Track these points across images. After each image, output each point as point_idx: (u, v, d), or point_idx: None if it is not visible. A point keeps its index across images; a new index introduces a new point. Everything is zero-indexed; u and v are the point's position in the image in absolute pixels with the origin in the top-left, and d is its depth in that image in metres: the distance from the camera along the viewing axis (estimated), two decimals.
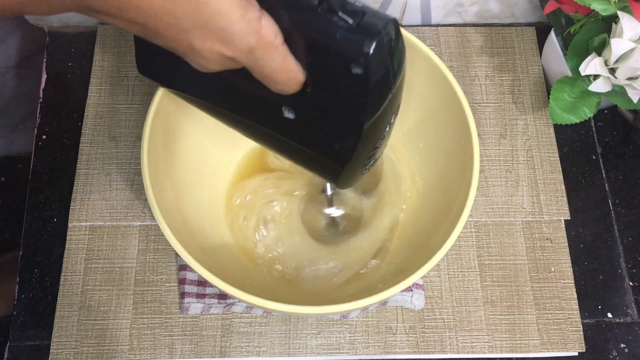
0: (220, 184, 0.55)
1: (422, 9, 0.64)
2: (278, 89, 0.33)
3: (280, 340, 0.52)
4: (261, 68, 0.32)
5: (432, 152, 0.52)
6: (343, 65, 0.31)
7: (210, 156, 0.55)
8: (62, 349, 0.52)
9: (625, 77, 0.52)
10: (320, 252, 0.54)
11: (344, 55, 0.30)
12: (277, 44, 0.31)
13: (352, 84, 0.31)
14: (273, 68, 0.32)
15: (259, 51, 0.31)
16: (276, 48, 0.31)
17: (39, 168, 0.59)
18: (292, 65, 0.32)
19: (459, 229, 0.42)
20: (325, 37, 0.30)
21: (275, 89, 0.33)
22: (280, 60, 0.31)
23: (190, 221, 0.49)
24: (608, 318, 0.55)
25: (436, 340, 0.53)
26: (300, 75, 0.33)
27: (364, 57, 0.30)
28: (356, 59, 0.30)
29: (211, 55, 0.31)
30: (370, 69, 0.30)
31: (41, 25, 0.65)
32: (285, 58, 0.32)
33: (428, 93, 0.50)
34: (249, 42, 0.30)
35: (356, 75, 0.31)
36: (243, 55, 0.31)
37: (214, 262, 0.48)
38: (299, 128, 0.36)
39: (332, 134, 0.35)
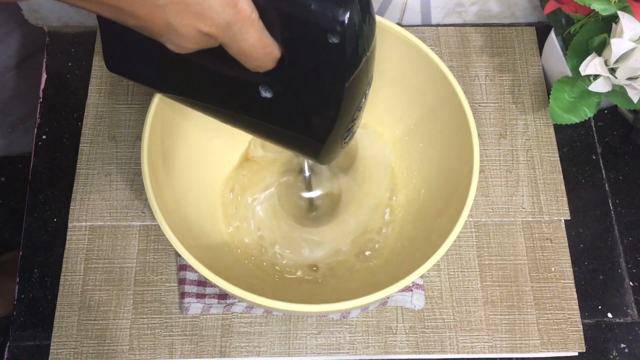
0: (218, 182, 0.55)
1: (422, 9, 0.64)
2: (255, 65, 0.33)
3: (280, 340, 0.52)
4: (238, 44, 0.31)
5: (432, 152, 0.52)
6: (319, 35, 0.31)
7: (210, 155, 0.55)
8: (62, 349, 0.52)
9: (625, 77, 0.52)
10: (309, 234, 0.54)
11: (320, 25, 0.31)
12: (254, 18, 0.31)
13: (329, 53, 0.32)
14: (250, 44, 0.31)
15: (236, 26, 0.30)
16: (253, 23, 0.31)
17: (39, 168, 0.59)
18: (268, 41, 0.32)
19: (459, 228, 0.42)
20: (299, 8, 0.31)
21: (252, 66, 0.33)
22: (257, 35, 0.31)
23: (190, 220, 0.49)
24: (608, 318, 0.55)
25: (436, 340, 0.53)
26: (276, 51, 0.33)
27: (340, 26, 0.30)
28: (332, 28, 0.30)
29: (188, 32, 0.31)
30: (347, 36, 0.31)
31: (41, 25, 0.65)
32: (262, 33, 0.32)
33: (428, 93, 0.50)
34: (226, 16, 0.30)
35: (333, 45, 0.31)
36: (220, 31, 0.31)
37: (214, 261, 0.48)
38: (277, 106, 0.36)
39: (311, 107, 0.36)
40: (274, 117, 0.37)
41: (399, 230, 0.54)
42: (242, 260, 0.53)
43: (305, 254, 0.54)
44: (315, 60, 0.33)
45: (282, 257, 0.53)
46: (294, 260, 0.53)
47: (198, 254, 0.41)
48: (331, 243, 0.54)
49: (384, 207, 0.55)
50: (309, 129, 0.37)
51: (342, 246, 0.54)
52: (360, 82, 0.35)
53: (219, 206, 0.55)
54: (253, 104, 0.37)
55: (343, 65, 0.32)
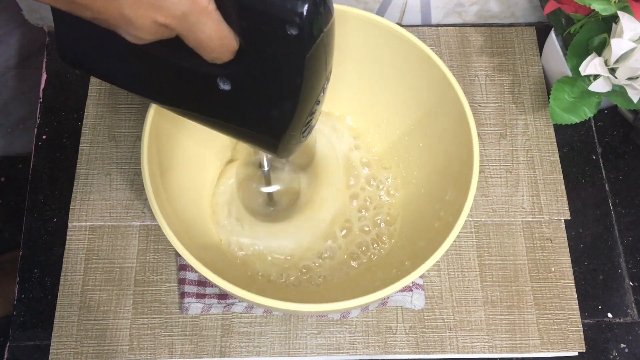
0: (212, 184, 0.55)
1: (422, 9, 0.64)
2: (212, 57, 0.33)
3: (280, 340, 0.52)
4: (195, 35, 0.31)
5: (432, 152, 0.52)
6: (278, 26, 0.31)
7: (210, 155, 0.55)
8: (62, 349, 0.52)
9: (625, 77, 0.52)
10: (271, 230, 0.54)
11: (279, 17, 0.31)
12: (211, 9, 0.31)
13: (287, 45, 0.32)
14: (207, 34, 0.31)
15: (193, 17, 0.30)
16: (210, 14, 0.31)
17: (39, 168, 0.59)
18: (226, 32, 0.32)
19: (459, 228, 0.42)
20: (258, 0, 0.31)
21: (210, 57, 0.33)
22: (214, 26, 0.31)
23: (189, 220, 0.49)
24: (608, 318, 0.55)
25: (436, 340, 0.53)
26: (234, 42, 0.33)
27: (299, 17, 0.30)
28: (291, 19, 0.30)
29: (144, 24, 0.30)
30: (305, 28, 0.31)
31: (41, 25, 0.65)
32: (219, 24, 0.31)
33: (428, 93, 0.50)
34: (182, 7, 0.30)
35: (291, 36, 0.31)
36: (177, 22, 0.30)
37: (214, 261, 0.48)
38: (235, 99, 0.36)
39: (270, 99, 0.36)
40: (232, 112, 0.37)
41: (398, 230, 0.54)
42: (237, 260, 0.53)
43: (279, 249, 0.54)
44: (274, 52, 0.33)
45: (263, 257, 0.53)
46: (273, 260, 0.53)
47: (198, 253, 0.41)
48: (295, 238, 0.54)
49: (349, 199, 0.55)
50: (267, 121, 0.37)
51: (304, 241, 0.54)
52: (318, 75, 0.35)
53: (210, 208, 0.55)
54: (211, 98, 0.36)
55: (301, 57, 0.32)
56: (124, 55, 0.37)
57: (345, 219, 0.55)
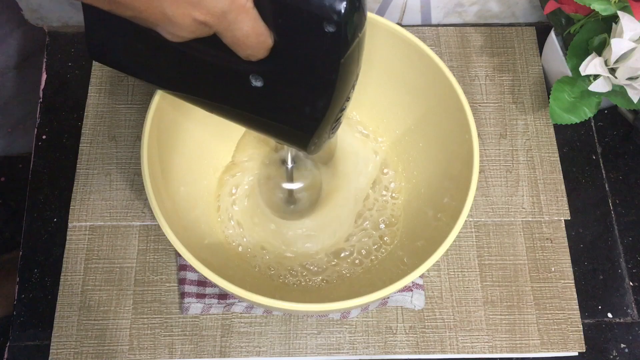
0: (213, 183, 0.55)
1: (422, 9, 0.64)
2: (247, 54, 0.33)
3: (280, 340, 0.52)
4: (233, 32, 0.32)
5: (432, 152, 0.52)
6: (315, 24, 0.31)
7: (210, 155, 0.55)
8: (62, 349, 0.52)
9: (625, 77, 0.52)
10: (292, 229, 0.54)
11: (317, 14, 0.31)
12: (249, 7, 0.31)
13: (324, 42, 0.32)
14: (245, 32, 0.32)
15: (232, 14, 0.31)
16: (248, 11, 0.31)
17: (39, 168, 0.59)
18: (263, 29, 0.32)
19: (459, 228, 0.42)
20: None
21: (245, 54, 0.33)
22: (251, 23, 0.31)
23: (189, 220, 0.49)
24: (608, 318, 0.55)
25: (436, 340, 0.53)
26: (270, 39, 0.33)
27: (338, 15, 0.31)
28: (329, 16, 0.31)
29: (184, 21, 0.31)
30: (343, 26, 0.31)
31: (41, 25, 0.65)
32: (256, 21, 0.32)
33: (428, 92, 0.50)
34: (221, 5, 0.30)
35: (329, 33, 0.31)
36: (215, 19, 0.31)
37: (214, 260, 0.48)
38: (267, 96, 0.36)
39: (303, 96, 0.36)
40: (263, 107, 0.37)
41: (399, 230, 0.54)
42: (238, 259, 0.53)
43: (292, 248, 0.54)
44: (309, 49, 0.33)
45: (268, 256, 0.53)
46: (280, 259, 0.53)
47: (198, 253, 0.41)
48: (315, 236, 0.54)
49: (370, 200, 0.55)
50: (298, 118, 0.37)
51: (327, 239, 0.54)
52: (351, 72, 0.36)
53: (213, 207, 0.55)
54: (242, 94, 0.37)
55: (338, 54, 0.33)
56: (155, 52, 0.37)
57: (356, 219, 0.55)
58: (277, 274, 0.53)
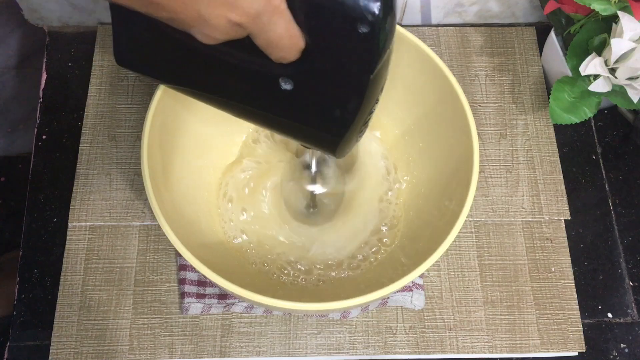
0: (214, 183, 0.55)
1: (422, 9, 0.64)
2: (280, 56, 0.33)
3: (280, 340, 0.52)
4: (267, 34, 0.32)
5: (432, 152, 0.52)
6: (349, 25, 0.31)
7: (210, 155, 0.55)
8: (62, 349, 0.52)
9: (625, 77, 0.52)
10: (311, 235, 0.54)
11: (351, 15, 0.31)
12: (283, 8, 0.31)
13: (357, 43, 0.32)
14: (278, 33, 0.32)
15: (266, 16, 0.31)
16: (282, 12, 0.31)
17: (39, 168, 0.59)
18: (295, 31, 0.32)
19: (458, 228, 0.42)
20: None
21: (277, 56, 0.33)
22: (285, 25, 0.32)
23: (189, 220, 0.49)
24: (608, 318, 0.55)
25: (436, 340, 0.53)
26: (302, 41, 0.33)
27: (372, 15, 0.31)
28: (364, 17, 0.31)
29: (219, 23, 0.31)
30: (377, 26, 0.31)
31: (41, 26, 0.65)
32: (290, 23, 0.32)
33: (428, 92, 0.50)
34: (256, 6, 0.30)
35: (363, 34, 0.31)
36: (250, 21, 0.31)
37: (215, 260, 0.48)
38: (297, 99, 0.36)
39: (333, 99, 0.36)
40: (292, 111, 0.37)
41: (399, 231, 0.54)
42: (241, 259, 0.53)
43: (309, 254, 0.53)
44: (342, 50, 0.33)
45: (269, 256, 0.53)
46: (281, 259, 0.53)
47: (198, 253, 0.41)
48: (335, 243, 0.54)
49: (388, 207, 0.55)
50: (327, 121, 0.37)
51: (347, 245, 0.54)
52: (383, 74, 0.35)
53: (214, 207, 0.55)
54: (272, 97, 0.37)
55: (371, 55, 0.33)
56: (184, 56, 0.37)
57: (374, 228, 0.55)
58: (277, 274, 0.53)
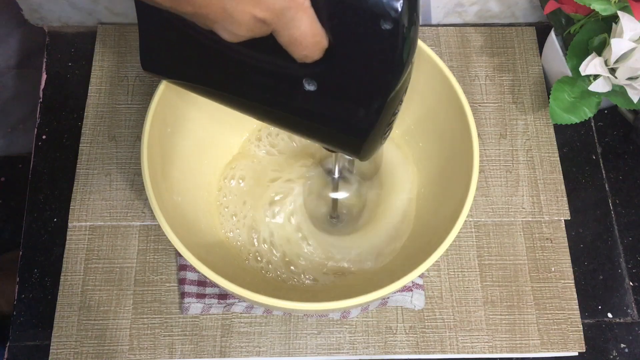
0: (214, 183, 0.55)
1: (422, 9, 0.64)
2: (303, 54, 0.33)
3: (280, 340, 0.52)
4: (290, 31, 0.32)
5: (432, 152, 0.52)
6: (372, 22, 0.31)
7: (210, 156, 0.55)
8: (62, 349, 0.52)
9: (625, 77, 0.52)
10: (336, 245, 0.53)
11: (374, 12, 0.31)
12: (307, 5, 0.31)
13: (381, 40, 0.32)
14: (302, 31, 0.32)
15: (291, 12, 0.31)
16: (306, 10, 0.31)
17: (39, 168, 0.59)
18: (319, 29, 0.32)
19: (458, 228, 0.42)
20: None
21: (301, 55, 0.33)
22: (308, 22, 0.31)
23: (189, 220, 0.49)
24: (608, 318, 0.55)
25: (436, 340, 0.53)
26: (325, 40, 0.33)
27: (395, 11, 0.30)
28: (386, 13, 0.30)
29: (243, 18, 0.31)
30: (400, 22, 0.31)
31: (41, 25, 0.65)
32: (313, 20, 0.32)
33: (428, 92, 0.50)
34: (281, 2, 0.30)
35: (386, 31, 0.31)
36: (275, 17, 0.31)
37: (215, 260, 0.48)
38: (320, 100, 0.36)
39: (358, 98, 0.35)
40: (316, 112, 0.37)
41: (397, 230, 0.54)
42: (241, 259, 0.53)
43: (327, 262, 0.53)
44: (366, 49, 0.33)
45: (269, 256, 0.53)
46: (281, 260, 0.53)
47: (198, 253, 0.41)
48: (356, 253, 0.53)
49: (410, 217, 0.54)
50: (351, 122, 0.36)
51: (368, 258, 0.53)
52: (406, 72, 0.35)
53: (214, 206, 0.55)
54: (295, 99, 0.36)
55: (395, 52, 0.32)
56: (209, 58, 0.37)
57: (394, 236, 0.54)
58: (276, 274, 0.53)
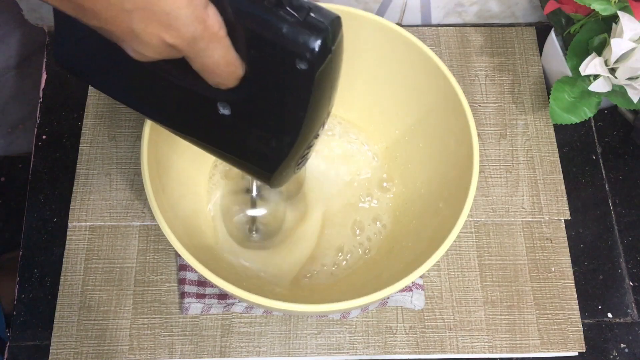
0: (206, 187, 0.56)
1: (422, 9, 0.64)
2: (216, 82, 0.32)
3: (280, 340, 0.52)
4: (202, 59, 0.31)
5: (432, 152, 0.52)
6: (287, 60, 0.31)
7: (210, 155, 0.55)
8: (62, 349, 0.52)
9: (625, 77, 0.52)
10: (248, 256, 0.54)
11: (290, 50, 0.30)
12: (221, 35, 0.30)
13: (295, 79, 0.31)
14: (215, 60, 0.31)
15: (203, 41, 0.30)
16: (220, 40, 0.30)
17: (39, 168, 0.59)
18: (234, 59, 0.31)
19: (459, 228, 0.42)
20: (270, 31, 0.30)
21: (214, 82, 0.33)
22: (222, 52, 0.31)
23: (189, 221, 0.49)
24: (608, 318, 0.55)
25: (436, 340, 0.53)
26: (240, 70, 0.32)
27: (310, 53, 0.30)
28: (302, 54, 0.30)
29: (151, 41, 0.29)
30: (315, 64, 0.30)
31: (41, 25, 0.65)
32: (228, 50, 0.31)
33: (428, 93, 0.50)
34: (193, 30, 0.29)
35: (300, 71, 0.31)
36: (185, 44, 0.30)
37: (214, 261, 0.48)
38: (234, 125, 0.35)
39: (270, 130, 0.35)
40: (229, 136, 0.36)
41: (398, 231, 0.54)
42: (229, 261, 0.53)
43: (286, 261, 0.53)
44: (280, 84, 0.32)
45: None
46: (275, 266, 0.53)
47: (198, 254, 0.41)
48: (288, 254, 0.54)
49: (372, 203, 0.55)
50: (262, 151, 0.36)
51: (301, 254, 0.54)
52: (321, 110, 0.35)
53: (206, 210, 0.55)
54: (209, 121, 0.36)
55: (308, 92, 0.32)
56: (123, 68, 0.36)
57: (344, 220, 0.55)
58: (277, 276, 0.53)
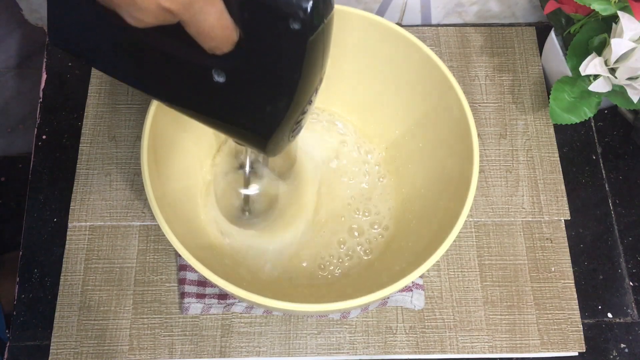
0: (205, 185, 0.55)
1: (422, 9, 0.64)
2: (212, 46, 0.33)
3: (280, 340, 0.52)
4: (198, 23, 0.31)
5: (432, 152, 0.52)
6: (281, 20, 0.31)
7: (210, 155, 0.55)
8: (62, 349, 0.52)
9: (625, 77, 0.52)
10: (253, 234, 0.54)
11: (283, 11, 0.31)
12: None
13: (288, 39, 0.32)
14: (210, 23, 0.31)
15: (198, 4, 0.30)
16: (214, 3, 0.31)
17: (39, 168, 0.59)
18: (228, 22, 0.32)
19: (459, 228, 0.42)
20: None
21: (209, 46, 0.33)
22: (217, 15, 0.31)
23: (189, 220, 0.49)
24: (608, 318, 0.55)
25: (436, 340, 0.53)
26: (235, 34, 0.32)
27: (303, 12, 0.30)
28: (295, 13, 0.30)
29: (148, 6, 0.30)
30: (308, 24, 0.31)
31: (41, 26, 0.65)
32: (222, 14, 0.31)
33: (428, 93, 0.50)
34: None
35: (293, 31, 0.31)
36: (181, 8, 0.30)
37: (214, 261, 0.48)
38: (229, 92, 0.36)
39: (265, 94, 0.35)
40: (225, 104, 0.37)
41: (398, 230, 0.54)
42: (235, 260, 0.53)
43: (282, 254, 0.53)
44: (273, 45, 0.33)
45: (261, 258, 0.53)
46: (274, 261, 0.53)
47: (198, 253, 0.41)
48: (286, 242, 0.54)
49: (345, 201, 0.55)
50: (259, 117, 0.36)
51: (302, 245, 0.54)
52: (315, 73, 0.35)
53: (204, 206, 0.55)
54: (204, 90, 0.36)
55: (302, 53, 0.32)
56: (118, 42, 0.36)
57: (344, 220, 0.55)
58: (277, 276, 0.53)
